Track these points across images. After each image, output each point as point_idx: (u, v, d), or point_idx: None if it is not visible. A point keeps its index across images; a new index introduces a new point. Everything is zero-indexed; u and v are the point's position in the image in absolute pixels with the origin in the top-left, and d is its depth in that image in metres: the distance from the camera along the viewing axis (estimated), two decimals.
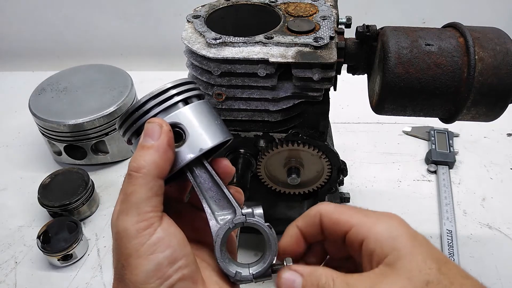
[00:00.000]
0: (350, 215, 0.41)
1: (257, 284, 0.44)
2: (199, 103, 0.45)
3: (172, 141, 0.42)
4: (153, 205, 0.40)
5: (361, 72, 0.66)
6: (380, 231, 0.39)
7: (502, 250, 0.80)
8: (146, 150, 0.40)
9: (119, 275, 0.39)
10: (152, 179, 0.40)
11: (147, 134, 0.41)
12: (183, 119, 0.43)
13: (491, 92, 0.55)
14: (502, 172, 0.96)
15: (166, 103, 0.43)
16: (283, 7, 0.66)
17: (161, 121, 0.42)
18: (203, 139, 0.43)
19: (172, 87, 0.44)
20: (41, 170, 1.00)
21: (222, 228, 0.43)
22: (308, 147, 0.67)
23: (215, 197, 0.45)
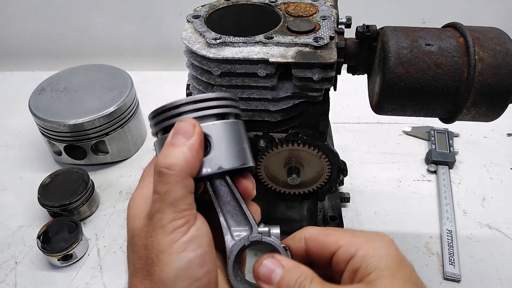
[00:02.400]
0: (338, 237, 0.41)
1: None
2: (234, 122, 0.45)
3: (203, 144, 0.41)
4: (188, 203, 0.39)
5: (361, 72, 0.66)
6: (367, 250, 0.39)
7: (502, 250, 0.80)
8: (178, 147, 0.39)
9: (146, 271, 0.38)
10: (186, 177, 0.39)
11: (179, 132, 0.40)
12: (213, 132, 0.43)
13: (491, 92, 0.55)
14: (502, 172, 0.96)
15: (204, 112, 0.43)
16: (283, 7, 0.66)
17: (195, 122, 0.41)
18: (226, 158, 0.43)
19: (216, 99, 0.44)
20: (41, 170, 1.00)
21: (237, 244, 0.43)
22: (308, 147, 0.67)
23: (232, 211, 0.44)
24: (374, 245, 0.39)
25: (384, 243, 0.40)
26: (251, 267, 0.42)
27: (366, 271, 0.38)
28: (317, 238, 0.43)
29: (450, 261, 0.77)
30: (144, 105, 1.09)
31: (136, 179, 0.97)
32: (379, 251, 0.39)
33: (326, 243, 0.42)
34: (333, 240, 0.41)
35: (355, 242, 0.40)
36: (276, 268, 0.41)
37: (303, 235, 0.44)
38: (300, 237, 0.44)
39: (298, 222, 0.84)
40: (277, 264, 0.41)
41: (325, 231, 0.43)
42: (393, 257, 0.39)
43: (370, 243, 0.40)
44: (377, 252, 0.39)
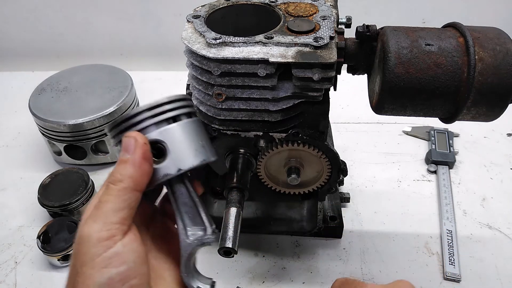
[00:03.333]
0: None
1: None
2: (188, 122, 0.46)
3: (148, 155, 0.43)
4: (121, 216, 0.40)
5: (361, 72, 0.66)
6: None
7: (502, 250, 0.80)
8: (123, 164, 0.41)
9: (72, 281, 0.39)
10: (128, 192, 0.41)
11: (124, 148, 0.42)
12: (166, 136, 0.44)
13: (491, 92, 0.55)
14: (502, 172, 0.96)
15: (153, 119, 0.44)
16: (283, 7, 0.66)
17: (137, 135, 0.43)
18: (183, 159, 0.44)
19: (163, 104, 0.44)
20: (41, 170, 1.00)
21: (191, 244, 0.45)
22: (308, 147, 0.67)
23: (189, 212, 0.46)
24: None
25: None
26: (248, 269, 0.43)
27: None
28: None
29: (450, 261, 0.77)
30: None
31: None
32: None
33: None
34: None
35: None
36: None
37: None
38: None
39: (298, 222, 0.84)
40: None
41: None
42: None
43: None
44: None
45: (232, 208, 0.65)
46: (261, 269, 0.78)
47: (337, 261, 0.79)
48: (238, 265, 0.79)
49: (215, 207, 0.87)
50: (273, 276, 0.77)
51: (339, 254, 0.80)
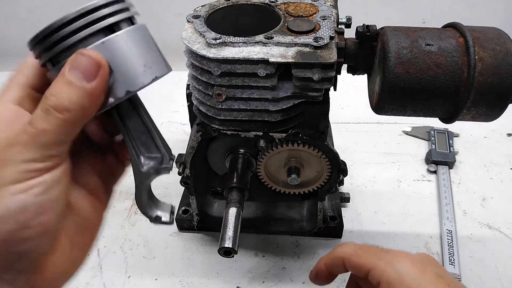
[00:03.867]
0: (366, 259, 0.45)
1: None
2: (131, 30, 0.37)
3: (106, 87, 0.35)
4: (61, 150, 0.35)
5: (361, 72, 0.66)
6: (390, 276, 0.43)
7: (502, 250, 0.80)
8: (75, 88, 0.33)
9: None
10: (74, 124, 0.34)
11: (78, 68, 0.34)
12: (108, 51, 0.35)
13: (491, 92, 0.55)
14: (502, 172, 0.96)
15: (88, 29, 0.34)
16: (283, 7, 0.66)
17: (101, 59, 0.34)
18: (132, 77, 0.36)
19: (99, 7, 0.35)
20: None
21: (146, 173, 0.40)
22: (308, 147, 0.67)
23: (143, 139, 0.40)
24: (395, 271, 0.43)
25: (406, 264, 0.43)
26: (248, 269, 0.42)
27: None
28: (350, 260, 0.47)
29: (450, 261, 0.77)
30: (144, 105, 1.09)
31: None
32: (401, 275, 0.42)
33: (358, 266, 0.46)
34: (363, 263, 0.45)
35: (379, 267, 0.44)
36: None
37: (341, 255, 0.48)
38: (339, 257, 0.48)
39: (298, 222, 0.84)
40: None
41: (358, 252, 0.47)
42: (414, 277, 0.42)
43: (391, 268, 0.43)
44: (398, 277, 0.42)
45: (232, 208, 0.65)
46: (261, 269, 0.78)
47: None
48: (238, 265, 0.79)
49: (215, 207, 0.87)
50: (273, 276, 0.77)
51: None
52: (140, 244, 0.83)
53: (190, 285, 0.76)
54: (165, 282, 0.77)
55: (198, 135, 0.68)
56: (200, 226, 0.84)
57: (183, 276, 0.77)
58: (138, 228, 0.86)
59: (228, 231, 0.62)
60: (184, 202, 0.87)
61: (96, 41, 0.35)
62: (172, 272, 0.78)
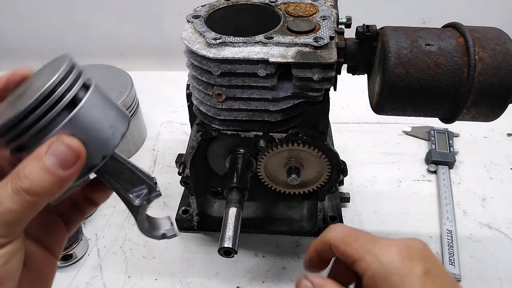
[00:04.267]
0: (353, 250, 0.44)
1: None
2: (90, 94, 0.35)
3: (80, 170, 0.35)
4: (20, 226, 0.34)
5: (361, 72, 0.66)
6: (375, 271, 0.41)
7: (502, 250, 0.80)
8: (51, 176, 0.33)
9: None
10: (41, 207, 0.34)
11: (58, 157, 0.33)
12: (76, 128, 0.34)
13: (491, 92, 0.55)
14: (502, 172, 0.96)
15: (52, 113, 0.33)
16: (283, 7, 0.66)
17: (80, 148, 0.34)
18: (103, 143, 0.36)
19: (56, 86, 0.33)
20: None
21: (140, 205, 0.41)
22: (308, 147, 0.67)
23: (126, 178, 0.41)
24: (381, 264, 0.41)
25: (393, 254, 0.42)
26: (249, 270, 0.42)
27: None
28: (338, 248, 0.45)
29: (450, 261, 0.77)
30: (144, 105, 1.09)
31: None
32: (386, 269, 0.41)
33: (345, 254, 0.44)
34: (349, 253, 0.44)
35: (364, 260, 0.42)
36: (307, 284, 0.44)
37: (329, 241, 0.46)
38: (327, 242, 0.46)
39: (298, 222, 0.84)
40: (307, 283, 0.44)
41: (345, 240, 0.45)
42: (400, 269, 0.41)
43: (377, 261, 0.42)
44: (382, 273, 0.41)
45: (232, 208, 0.65)
46: (261, 269, 0.78)
47: None
48: (238, 265, 0.79)
49: (215, 207, 0.87)
50: (273, 276, 0.77)
51: None
52: (140, 244, 0.83)
53: (190, 285, 0.76)
54: (165, 282, 0.77)
55: (198, 135, 0.68)
56: (200, 226, 0.84)
57: (183, 276, 0.77)
58: None
59: (228, 231, 0.62)
60: (184, 202, 0.87)
61: (62, 120, 0.34)
62: (172, 272, 0.78)
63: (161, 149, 1.06)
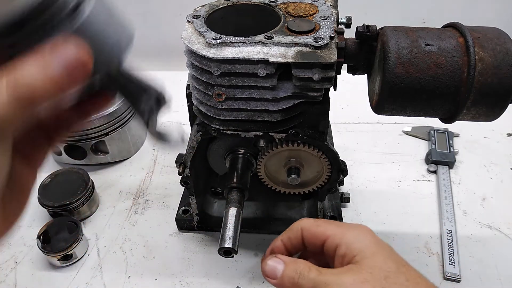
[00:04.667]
0: (325, 228, 0.49)
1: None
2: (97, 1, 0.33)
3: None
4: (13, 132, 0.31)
5: (361, 72, 0.66)
6: (349, 238, 0.47)
7: (502, 250, 0.80)
8: (50, 80, 0.29)
9: None
10: (34, 110, 0.30)
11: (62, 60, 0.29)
12: (86, 31, 0.32)
13: (491, 92, 0.55)
14: (502, 172, 0.96)
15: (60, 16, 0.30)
16: (283, 7, 0.66)
17: (87, 51, 0.30)
18: (110, 51, 0.35)
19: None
20: (41, 170, 0.99)
21: (148, 111, 0.44)
22: (308, 147, 0.67)
23: (134, 86, 0.42)
24: (354, 233, 0.48)
25: (362, 231, 0.48)
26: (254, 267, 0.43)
27: (351, 254, 0.46)
28: (310, 229, 0.50)
29: (450, 261, 0.77)
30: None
31: (136, 179, 0.98)
32: (359, 237, 0.47)
33: (317, 234, 0.49)
34: (322, 231, 0.49)
35: (338, 233, 0.48)
36: (278, 264, 0.48)
37: (300, 226, 0.51)
38: (298, 228, 0.51)
39: None
40: (278, 261, 0.48)
41: (317, 223, 0.50)
42: (371, 240, 0.47)
43: (350, 232, 0.48)
44: (357, 239, 0.47)
45: (232, 208, 0.65)
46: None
47: None
48: (238, 265, 0.79)
49: (215, 207, 0.87)
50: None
51: None
52: (140, 244, 0.83)
53: (190, 285, 0.76)
54: (165, 282, 0.77)
55: (198, 135, 0.68)
56: (200, 226, 0.84)
57: (183, 276, 0.77)
58: (138, 228, 0.86)
59: (228, 231, 0.62)
60: (184, 202, 0.87)
61: (70, 22, 0.30)
62: (172, 272, 0.78)
63: (161, 149, 1.06)
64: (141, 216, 0.89)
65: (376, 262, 0.45)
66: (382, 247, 0.47)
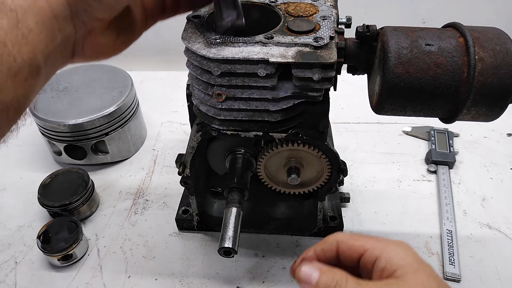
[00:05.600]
0: (365, 241, 0.48)
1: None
2: None
3: None
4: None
5: (361, 72, 0.66)
6: (391, 252, 0.46)
7: (502, 250, 0.80)
8: None
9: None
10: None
11: None
12: None
13: (491, 92, 0.55)
14: (502, 172, 0.96)
15: None
16: (283, 7, 0.66)
17: None
18: None
19: None
20: (41, 170, 1.00)
21: (225, 25, 0.58)
22: (308, 147, 0.67)
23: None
24: (396, 249, 0.46)
25: (403, 247, 0.47)
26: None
27: (392, 269, 0.44)
28: (347, 242, 0.49)
29: (450, 261, 0.77)
30: (144, 105, 1.09)
31: (136, 179, 0.98)
32: (401, 253, 0.45)
33: (355, 247, 0.48)
34: (361, 244, 0.48)
35: (379, 246, 0.46)
36: (313, 272, 0.46)
37: (335, 239, 0.49)
38: (333, 241, 0.49)
39: (298, 222, 0.84)
40: (313, 269, 0.47)
41: (354, 237, 0.49)
42: (413, 257, 0.46)
43: (391, 247, 0.46)
44: (399, 254, 0.45)
45: (232, 208, 0.65)
46: (261, 269, 0.78)
47: None
48: (238, 265, 0.79)
49: (215, 207, 0.87)
50: (273, 276, 0.77)
51: None
52: (140, 244, 0.83)
53: (190, 285, 0.76)
54: (165, 282, 0.77)
55: (198, 135, 0.68)
56: (200, 226, 0.84)
57: (183, 276, 0.77)
58: (138, 228, 0.86)
59: (228, 231, 0.62)
60: (184, 202, 0.87)
61: None
62: (172, 272, 0.78)
63: (161, 149, 1.06)
64: (141, 216, 0.89)
65: (418, 279, 0.43)
66: (424, 265, 0.46)
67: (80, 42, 0.47)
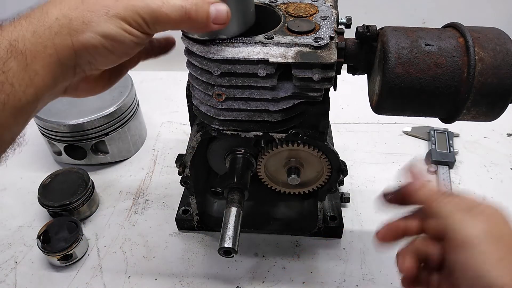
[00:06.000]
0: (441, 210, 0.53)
1: None
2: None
3: None
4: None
5: (361, 72, 0.66)
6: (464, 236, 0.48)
7: None
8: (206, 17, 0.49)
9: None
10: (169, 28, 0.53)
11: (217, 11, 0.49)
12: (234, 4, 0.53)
13: (491, 92, 0.55)
14: (502, 172, 0.96)
15: None
16: (283, 7, 0.66)
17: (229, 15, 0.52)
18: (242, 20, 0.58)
19: None
20: (41, 170, 1.00)
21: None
22: (308, 147, 0.67)
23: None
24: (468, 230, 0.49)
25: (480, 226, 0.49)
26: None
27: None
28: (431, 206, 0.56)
29: None
30: (144, 105, 1.09)
31: (136, 179, 0.98)
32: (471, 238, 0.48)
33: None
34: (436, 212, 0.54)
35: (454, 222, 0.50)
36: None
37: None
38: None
39: (298, 222, 0.84)
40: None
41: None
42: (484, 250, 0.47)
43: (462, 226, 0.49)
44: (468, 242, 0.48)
45: (232, 208, 0.65)
46: (261, 269, 0.78)
47: (337, 261, 0.79)
48: (238, 265, 0.79)
49: (215, 207, 0.87)
50: (273, 276, 0.77)
51: (339, 254, 0.80)
52: (140, 244, 0.83)
53: (190, 285, 0.76)
54: (165, 282, 0.77)
55: (198, 135, 0.68)
56: (200, 226, 0.84)
57: (183, 276, 0.77)
58: (138, 228, 0.86)
59: (228, 231, 0.62)
60: (184, 202, 0.87)
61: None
62: (172, 272, 0.78)
63: (161, 149, 1.06)
64: (141, 216, 0.89)
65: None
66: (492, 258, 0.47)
67: (75, 84, 0.50)
